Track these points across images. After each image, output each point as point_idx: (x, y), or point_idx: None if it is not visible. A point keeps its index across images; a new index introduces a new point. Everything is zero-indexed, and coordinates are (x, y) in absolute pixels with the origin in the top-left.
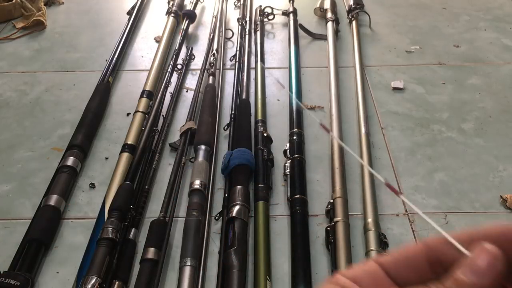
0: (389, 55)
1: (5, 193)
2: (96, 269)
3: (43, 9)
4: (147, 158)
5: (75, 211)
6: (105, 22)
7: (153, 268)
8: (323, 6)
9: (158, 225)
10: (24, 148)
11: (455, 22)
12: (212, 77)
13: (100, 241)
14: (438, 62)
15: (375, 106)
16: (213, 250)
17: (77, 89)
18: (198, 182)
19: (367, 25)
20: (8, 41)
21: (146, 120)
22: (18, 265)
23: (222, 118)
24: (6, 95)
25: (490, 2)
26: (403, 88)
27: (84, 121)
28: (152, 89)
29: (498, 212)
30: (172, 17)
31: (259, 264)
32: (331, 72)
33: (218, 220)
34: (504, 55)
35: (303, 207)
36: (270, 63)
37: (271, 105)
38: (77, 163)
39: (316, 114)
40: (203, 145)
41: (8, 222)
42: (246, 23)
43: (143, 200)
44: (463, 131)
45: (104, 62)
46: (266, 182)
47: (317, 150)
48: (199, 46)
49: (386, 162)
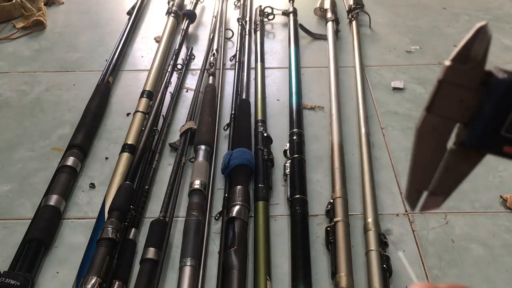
0: (389, 55)
1: (5, 193)
2: (96, 269)
3: (43, 9)
4: (147, 158)
5: (75, 211)
6: (105, 22)
7: (153, 268)
8: (323, 6)
9: (158, 225)
10: (24, 148)
11: (455, 22)
12: (212, 77)
13: (100, 241)
14: (438, 62)
15: (375, 106)
16: (213, 250)
17: (77, 89)
18: (198, 182)
19: (367, 25)
20: (8, 41)
21: (146, 120)
22: (18, 265)
23: (222, 118)
24: (6, 95)
25: (490, 2)
26: (403, 88)
27: (84, 121)
28: (152, 89)
29: (498, 212)
30: (172, 17)
31: (259, 264)
32: (331, 72)
33: (218, 220)
34: (504, 55)
35: (303, 207)
36: (270, 63)
37: (271, 105)
38: (77, 163)
39: (316, 114)
40: (203, 145)
41: (8, 222)
42: (246, 23)
43: (143, 200)
44: None
45: (104, 62)
46: (266, 182)
47: (317, 150)
48: (199, 46)
49: (386, 162)
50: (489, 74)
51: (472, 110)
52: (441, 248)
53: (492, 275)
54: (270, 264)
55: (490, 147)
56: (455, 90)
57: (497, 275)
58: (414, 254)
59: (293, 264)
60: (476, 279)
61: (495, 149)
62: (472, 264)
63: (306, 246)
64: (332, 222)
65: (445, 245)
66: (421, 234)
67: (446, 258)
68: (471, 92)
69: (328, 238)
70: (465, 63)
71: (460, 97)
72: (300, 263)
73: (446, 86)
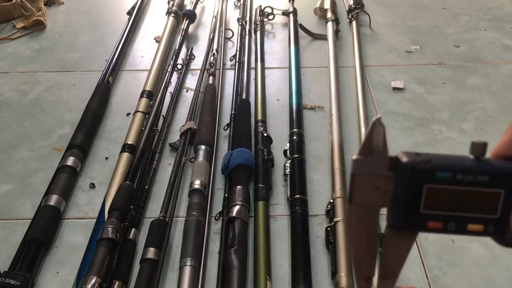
0: (389, 55)
1: (5, 193)
2: (96, 269)
3: (43, 9)
4: (147, 158)
5: (75, 211)
6: (105, 22)
7: (153, 268)
8: (323, 6)
9: (158, 225)
10: (24, 148)
11: (455, 22)
12: (212, 77)
13: (100, 241)
14: (438, 62)
15: (375, 106)
16: (213, 250)
17: (77, 89)
18: (198, 182)
19: (367, 25)
20: (8, 41)
21: (146, 120)
22: (18, 265)
23: (222, 118)
24: (6, 95)
25: (490, 2)
26: (403, 88)
27: (84, 121)
28: (152, 89)
29: None
30: (172, 17)
31: (259, 264)
32: (331, 72)
33: (218, 220)
34: (504, 55)
35: (303, 207)
36: (270, 63)
37: (271, 105)
38: (77, 163)
39: (316, 114)
40: (203, 145)
41: (8, 222)
42: (246, 23)
43: (143, 200)
44: (463, 131)
45: (104, 62)
46: (266, 182)
47: (317, 150)
48: (199, 46)
49: None
50: (395, 160)
51: (389, 194)
52: (441, 248)
53: (492, 275)
54: (270, 264)
55: (415, 226)
56: (369, 179)
57: (497, 275)
58: (414, 254)
59: (293, 264)
60: (476, 279)
61: (420, 227)
62: (472, 264)
63: (306, 246)
64: (332, 222)
65: (445, 245)
66: (421, 234)
67: (446, 258)
68: (382, 178)
69: (328, 238)
70: (369, 154)
71: (375, 184)
72: (300, 263)
73: (360, 178)
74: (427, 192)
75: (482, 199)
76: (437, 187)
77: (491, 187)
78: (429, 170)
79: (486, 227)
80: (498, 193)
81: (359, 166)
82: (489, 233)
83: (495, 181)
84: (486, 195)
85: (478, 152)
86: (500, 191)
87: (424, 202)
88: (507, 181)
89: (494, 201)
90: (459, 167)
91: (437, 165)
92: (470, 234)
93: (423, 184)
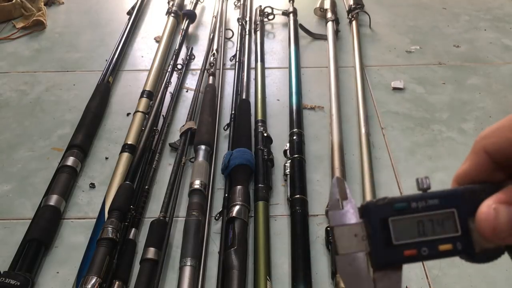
0: (389, 55)
1: (5, 193)
2: (96, 269)
3: (43, 9)
4: (147, 158)
5: (75, 211)
6: (105, 22)
7: (153, 268)
8: (323, 6)
9: (158, 225)
10: (24, 148)
11: (455, 22)
12: (212, 77)
13: (100, 241)
14: (438, 62)
15: (375, 106)
16: (213, 250)
17: (77, 89)
18: (198, 182)
19: (367, 25)
20: (8, 41)
21: (146, 120)
22: (18, 265)
23: (222, 118)
24: (6, 95)
25: (490, 2)
26: (403, 88)
27: (84, 121)
28: (152, 89)
29: None
30: (172, 17)
31: (259, 264)
32: (331, 72)
33: (218, 220)
34: (504, 55)
35: (303, 207)
36: (270, 63)
37: (271, 105)
38: (77, 163)
39: (316, 114)
40: (203, 145)
41: (8, 222)
42: (246, 23)
43: (143, 200)
44: (463, 131)
45: (104, 62)
46: (266, 182)
47: (317, 150)
48: (199, 46)
49: (386, 162)
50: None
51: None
52: None
53: (492, 275)
54: (270, 264)
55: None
56: (346, 229)
57: (497, 275)
58: None
59: (293, 264)
60: (476, 279)
61: (399, 258)
62: (472, 264)
63: (306, 246)
64: None
65: None
66: None
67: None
68: (357, 225)
69: (328, 238)
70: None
71: (353, 232)
72: (300, 263)
73: (339, 229)
74: (393, 224)
75: (441, 220)
76: (399, 217)
77: (443, 208)
78: (387, 204)
79: (455, 245)
80: (451, 212)
81: (334, 219)
82: (459, 250)
83: (444, 202)
84: (443, 216)
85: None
86: (453, 210)
87: (394, 234)
88: (453, 200)
89: (451, 220)
90: (411, 197)
91: (392, 199)
92: (443, 255)
93: (387, 218)
